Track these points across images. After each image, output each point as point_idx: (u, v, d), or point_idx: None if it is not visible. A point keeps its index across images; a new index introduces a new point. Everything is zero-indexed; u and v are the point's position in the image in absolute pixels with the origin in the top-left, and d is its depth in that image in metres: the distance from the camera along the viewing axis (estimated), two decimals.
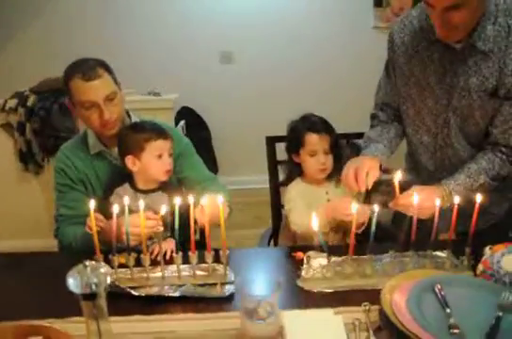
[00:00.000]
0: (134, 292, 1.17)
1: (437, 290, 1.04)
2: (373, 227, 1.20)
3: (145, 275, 1.22)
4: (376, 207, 1.19)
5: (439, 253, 1.31)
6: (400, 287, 1.05)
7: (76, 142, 1.63)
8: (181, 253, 1.21)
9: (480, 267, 1.17)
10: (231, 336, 1.01)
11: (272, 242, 1.88)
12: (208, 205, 1.19)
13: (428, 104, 1.45)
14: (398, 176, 1.31)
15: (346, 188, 1.44)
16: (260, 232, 2.19)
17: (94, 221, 1.17)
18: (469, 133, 1.44)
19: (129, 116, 1.63)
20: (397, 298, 1.01)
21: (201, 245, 1.26)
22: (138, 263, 1.23)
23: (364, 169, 1.37)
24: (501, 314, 0.94)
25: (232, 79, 3.64)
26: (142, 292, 1.17)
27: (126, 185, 1.51)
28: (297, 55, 3.60)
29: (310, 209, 1.61)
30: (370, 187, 1.38)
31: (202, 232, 1.27)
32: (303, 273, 1.24)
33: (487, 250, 1.27)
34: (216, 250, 1.22)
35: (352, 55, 3.57)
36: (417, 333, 0.89)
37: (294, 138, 1.62)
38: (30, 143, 2.60)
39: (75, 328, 1.05)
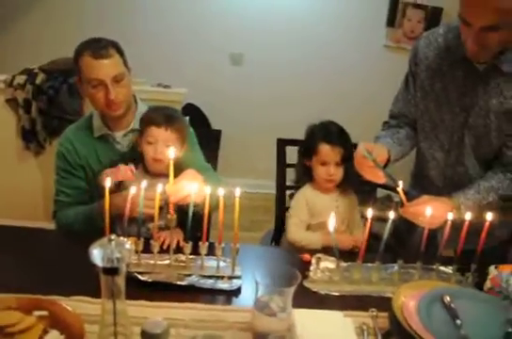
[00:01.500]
0: (141, 277, 1.16)
1: (446, 301, 1.05)
2: (385, 235, 1.21)
3: (152, 262, 1.21)
4: (392, 214, 1.20)
5: (443, 268, 1.32)
6: (410, 296, 1.05)
7: (81, 125, 1.62)
8: (191, 243, 1.20)
9: (488, 284, 1.18)
10: (239, 329, 1.01)
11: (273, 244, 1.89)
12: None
13: (445, 121, 1.47)
14: (401, 184, 1.33)
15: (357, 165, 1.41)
16: (256, 235, 2.19)
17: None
18: (481, 152, 1.46)
19: (136, 102, 1.62)
20: (408, 305, 1.01)
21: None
22: (145, 249, 1.22)
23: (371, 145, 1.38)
24: (510, 329, 0.95)
25: (241, 81, 3.64)
26: (149, 278, 1.16)
27: (139, 168, 1.49)
28: (307, 60, 3.60)
29: (313, 217, 1.65)
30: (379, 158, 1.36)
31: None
32: (311, 274, 1.24)
33: (492, 268, 1.29)
34: (212, 244, 1.23)
35: (361, 69, 3.60)
36: None
37: (308, 144, 1.63)
38: (34, 122, 2.56)
39: (79, 306, 1.04)
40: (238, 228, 1.16)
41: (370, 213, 1.18)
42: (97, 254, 0.74)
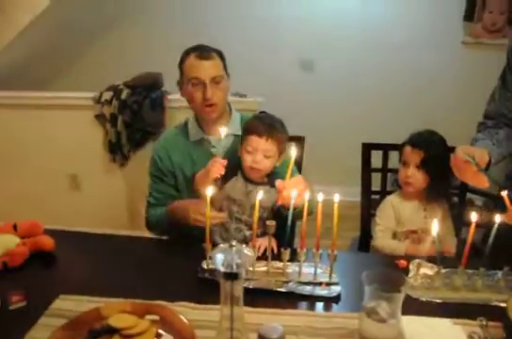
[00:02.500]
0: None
1: None
2: (490, 239, 1.16)
3: (251, 268, 1.23)
4: (498, 218, 1.15)
5: None
6: None
7: (176, 131, 1.70)
8: (289, 249, 1.22)
9: None
10: (342, 335, 1.01)
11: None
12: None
13: None
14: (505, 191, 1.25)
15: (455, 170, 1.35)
16: (339, 243, 2.16)
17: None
18: None
19: (230, 109, 1.68)
20: None
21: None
22: None
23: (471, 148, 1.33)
24: None
25: (313, 87, 3.65)
26: (249, 284, 1.18)
27: (239, 175, 1.52)
28: (382, 63, 3.54)
29: (399, 225, 1.64)
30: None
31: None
32: (411, 280, 1.22)
33: None
34: (308, 250, 1.23)
35: (439, 69, 3.49)
36: None
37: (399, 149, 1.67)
38: (120, 135, 2.71)
39: (184, 312, 1.08)
40: (336, 234, 1.16)
41: (474, 217, 1.14)
42: (219, 259, 0.77)
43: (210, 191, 1.18)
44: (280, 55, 3.59)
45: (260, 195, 1.19)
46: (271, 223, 1.18)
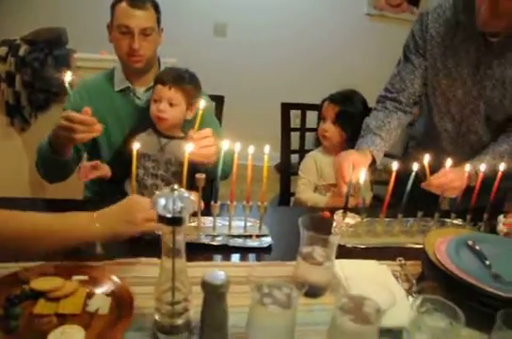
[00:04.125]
0: None
1: (471, 244, 1.09)
2: (408, 188, 1.25)
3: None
4: (415, 166, 1.24)
5: (455, 221, 1.39)
6: (438, 242, 1.09)
7: (100, 78, 1.61)
8: (219, 202, 1.20)
9: (504, 229, 1.25)
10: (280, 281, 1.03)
11: None
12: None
13: (458, 95, 1.50)
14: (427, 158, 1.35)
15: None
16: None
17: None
18: (494, 120, 1.51)
19: (159, 63, 1.64)
20: (440, 250, 1.05)
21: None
22: None
23: (349, 164, 1.36)
24: None
25: (228, 49, 3.61)
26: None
27: (150, 130, 1.50)
28: (288, 32, 3.61)
29: (321, 179, 1.70)
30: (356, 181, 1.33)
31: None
32: (336, 229, 1.27)
33: (501, 217, 1.37)
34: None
35: (343, 38, 3.63)
36: (465, 278, 0.94)
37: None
38: (19, 96, 2.45)
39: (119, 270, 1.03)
40: (267, 186, 1.17)
41: (395, 165, 1.21)
42: (161, 204, 0.74)
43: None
44: (193, 20, 3.49)
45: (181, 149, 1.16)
46: (201, 176, 1.15)
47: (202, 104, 1.27)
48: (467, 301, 0.87)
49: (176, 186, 0.77)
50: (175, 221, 0.74)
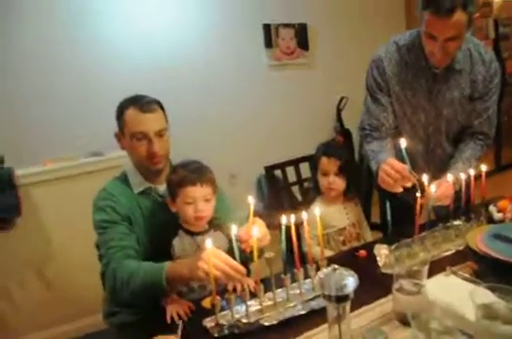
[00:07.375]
0: (266, 323, 1.21)
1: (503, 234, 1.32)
2: (430, 203, 1.52)
3: (259, 306, 1.25)
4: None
5: (455, 223, 1.61)
6: (475, 238, 1.33)
7: (117, 182, 1.59)
8: (289, 275, 1.26)
9: (509, 216, 1.52)
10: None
11: None
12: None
13: (421, 120, 1.82)
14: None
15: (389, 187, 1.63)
16: None
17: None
18: (453, 133, 1.84)
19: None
20: (479, 244, 1.28)
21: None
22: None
23: (396, 162, 1.60)
24: None
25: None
26: (273, 319, 1.21)
27: (181, 232, 1.48)
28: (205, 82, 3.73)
29: (327, 228, 1.83)
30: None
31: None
32: (383, 263, 1.43)
33: (491, 207, 1.65)
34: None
35: (250, 89, 3.93)
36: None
37: (314, 160, 1.89)
38: None
39: None
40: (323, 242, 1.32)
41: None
42: (327, 284, 0.88)
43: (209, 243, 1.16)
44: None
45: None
46: (270, 255, 1.19)
47: (252, 200, 1.28)
48: None
49: (336, 266, 0.90)
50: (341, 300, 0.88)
